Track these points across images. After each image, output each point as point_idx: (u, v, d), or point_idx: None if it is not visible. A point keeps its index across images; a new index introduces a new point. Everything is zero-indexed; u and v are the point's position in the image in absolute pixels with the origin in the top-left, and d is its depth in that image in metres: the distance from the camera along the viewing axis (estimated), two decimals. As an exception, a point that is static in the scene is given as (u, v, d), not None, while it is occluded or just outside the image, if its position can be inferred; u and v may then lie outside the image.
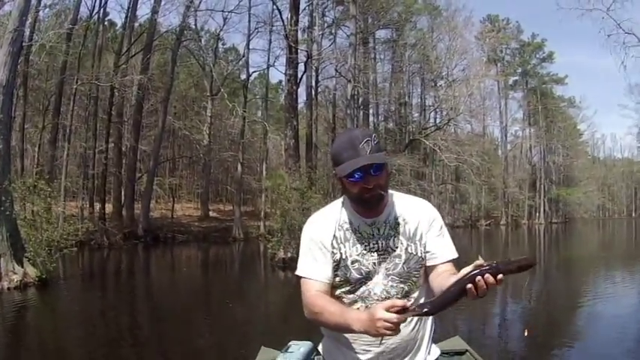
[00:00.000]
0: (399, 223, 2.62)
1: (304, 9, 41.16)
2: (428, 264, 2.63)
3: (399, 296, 2.54)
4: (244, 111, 45.05)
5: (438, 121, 60.17)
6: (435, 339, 2.81)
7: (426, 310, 2.25)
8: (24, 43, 22.87)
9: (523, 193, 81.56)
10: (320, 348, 2.98)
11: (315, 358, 3.34)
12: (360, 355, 2.61)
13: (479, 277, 2.10)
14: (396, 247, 2.59)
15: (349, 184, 2.49)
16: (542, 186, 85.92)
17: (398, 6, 50.60)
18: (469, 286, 2.11)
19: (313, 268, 2.62)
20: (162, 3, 41.85)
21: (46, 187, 20.65)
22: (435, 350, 2.80)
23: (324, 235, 2.63)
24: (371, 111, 57.63)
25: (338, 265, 2.61)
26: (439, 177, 68.05)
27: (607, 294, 16.39)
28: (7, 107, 17.79)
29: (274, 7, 41.69)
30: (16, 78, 23.20)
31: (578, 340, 10.49)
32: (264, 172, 47.65)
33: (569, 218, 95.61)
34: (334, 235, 2.63)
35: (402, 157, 46.55)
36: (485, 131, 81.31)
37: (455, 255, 2.65)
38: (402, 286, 2.60)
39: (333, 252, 2.61)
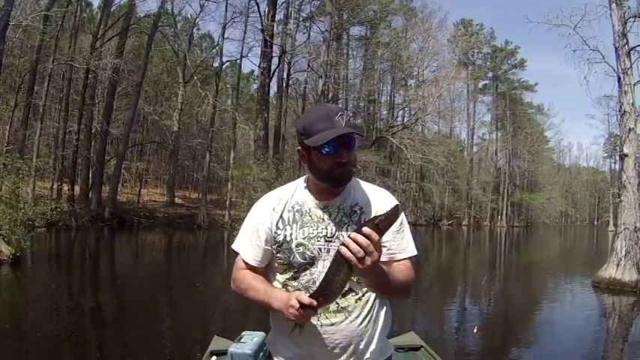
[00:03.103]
0: (354, 212, 2.44)
1: (282, 3, 41.48)
2: (382, 259, 2.28)
3: (345, 289, 2.31)
4: (216, 99, 45.24)
5: (405, 119, 60.98)
6: (390, 334, 2.69)
7: (320, 299, 2.16)
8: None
9: (486, 195, 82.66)
10: (267, 339, 2.81)
11: (267, 349, 3.44)
12: (303, 350, 2.46)
13: (347, 239, 2.05)
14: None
15: (320, 158, 2.34)
16: (505, 190, 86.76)
17: (374, 4, 50.99)
18: (342, 249, 2.05)
19: (247, 248, 2.57)
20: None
21: (24, 166, 20.72)
22: (389, 348, 2.63)
23: (268, 217, 2.51)
24: (340, 106, 57.93)
25: (281, 246, 2.46)
26: (404, 175, 68.57)
27: (563, 298, 16.90)
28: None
29: (252, -3, 42.05)
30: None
31: (533, 340, 10.74)
32: (231, 161, 47.78)
33: (531, 223, 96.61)
34: (281, 217, 2.49)
35: (368, 154, 46.96)
36: (452, 132, 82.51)
37: (413, 252, 2.51)
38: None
39: (277, 233, 2.47)
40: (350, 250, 2.02)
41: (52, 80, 39.42)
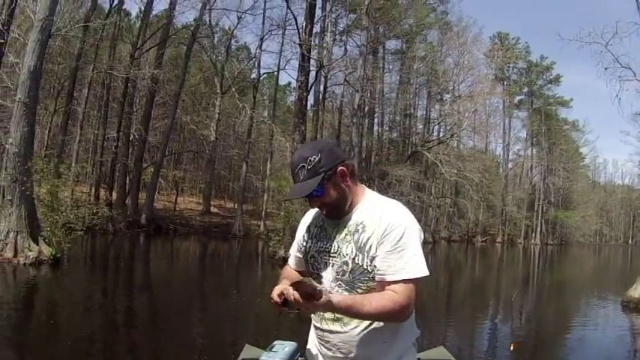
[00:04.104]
0: (357, 230, 2.52)
1: (319, 18, 41.71)
2: (376, 279, 2.47)
3: None
4: (253, 111, 45.64)
5: (441, 134, 60.84)
6: (419, 349, 2.72)
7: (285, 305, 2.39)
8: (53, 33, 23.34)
9: (521, 212, 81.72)
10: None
11: (300, 359, 3.34)
12: (314, 349, 2.81)
13: (289, 289, 2.25)
14: (347, 254, 2.51)
15: None
16: (540, 207, 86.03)
17: (409, 18, 51.10)
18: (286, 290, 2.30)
19: (290, 255, 2.94)
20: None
21: (67, 171, 21.24)
22: None
23: (301, 230, 2.83)
24: (376, 120, 58.15)
25: (304, 256, 2.75)
26: (439, 190, 68.28)
27: (593, 316, 16.76)
28: (33, 92, 18.48)
29: (289, 10, 42.34)
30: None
31: (561, 358, 10.79)
32: (267, 172, 48.10)
33: (565, 241, 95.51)
34: (308, 230, 2.76)
35: (404, 169, 47.03)
36: (487, 148, 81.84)
37: (411, 274, 2.42)
38: (346, 294, 2.50)
39: (302, 245, 2.77)
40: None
41: (91, 87, 40.11)
